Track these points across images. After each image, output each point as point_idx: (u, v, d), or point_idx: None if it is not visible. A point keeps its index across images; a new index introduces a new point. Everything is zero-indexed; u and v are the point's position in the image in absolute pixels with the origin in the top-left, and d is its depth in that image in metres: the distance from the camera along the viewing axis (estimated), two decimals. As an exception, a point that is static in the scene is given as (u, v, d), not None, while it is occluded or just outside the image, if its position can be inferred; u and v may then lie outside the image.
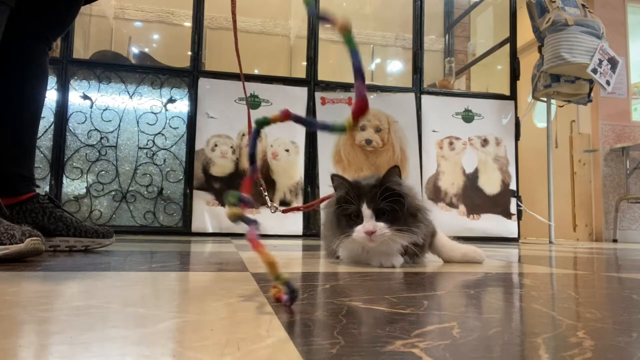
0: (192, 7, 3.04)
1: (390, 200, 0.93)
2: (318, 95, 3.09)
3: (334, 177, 1.01)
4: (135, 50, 3.80)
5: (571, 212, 4.36)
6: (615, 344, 0.39)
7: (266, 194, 1.28)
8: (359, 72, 0.53)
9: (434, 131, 3.21)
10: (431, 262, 1.15)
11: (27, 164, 1.29)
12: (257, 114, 2.98)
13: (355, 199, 0.95)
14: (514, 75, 3.39)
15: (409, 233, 0.94)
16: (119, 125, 2.86)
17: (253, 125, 0.62)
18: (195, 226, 2.83)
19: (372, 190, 0.95)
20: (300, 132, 3.04)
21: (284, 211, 1.35)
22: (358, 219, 0.95)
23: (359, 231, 0.93)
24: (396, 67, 4.41)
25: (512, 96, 3.36)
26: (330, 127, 0.56)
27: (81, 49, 3.40)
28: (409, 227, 0.94)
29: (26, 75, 1.27)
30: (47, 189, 2.71)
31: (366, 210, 0.93)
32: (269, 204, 1.26)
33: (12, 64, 1.25)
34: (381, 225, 0.93)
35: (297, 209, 1.56)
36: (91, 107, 2.84)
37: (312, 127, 0.70)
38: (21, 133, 1.28)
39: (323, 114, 3.06)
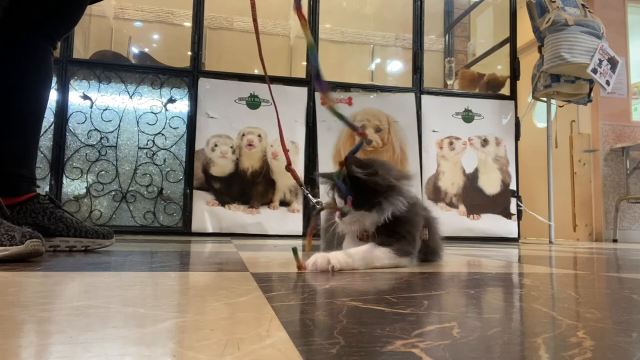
0: (192, 7, 3.04)
1: (356, 185, 0.97)
2: (318, 95, 3.09)
3: (318, 176, 1.09)
4: (135, 50, 3.80)
5: (571, 212, 4.36)
6: (615, 344, 0.39)
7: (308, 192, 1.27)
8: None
9: (434, 131, 3.21)
10: (431, 262, 1.15)
11: (28, 164, 1.28)
12: (257, 114, 3.00)
13: (330, 191, 1.04)
14: (514, 75, 3.39)
15: (377, 210, 0.98)
16: (119, 125, 2.86)
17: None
18: (195, 226, 2.83)
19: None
20: (300, 132, 3.04)
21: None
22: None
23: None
24: (396, 67, 4.41)
25: (512, 96, 3.36)
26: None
27: (81, 49, 3.40)
28: (374, 206, 0.98)
29: (29, 74, 1.26)
30: (47, 189, 2.71)
31: (337, 199, 1.01)
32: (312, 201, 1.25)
33: (15, 63, 1.24)
34: (348, 207, 0.98)
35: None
36: (91, 107, 2.84)
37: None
38: (23, 133, 1.27)
39: (323, 114, 3.06)
